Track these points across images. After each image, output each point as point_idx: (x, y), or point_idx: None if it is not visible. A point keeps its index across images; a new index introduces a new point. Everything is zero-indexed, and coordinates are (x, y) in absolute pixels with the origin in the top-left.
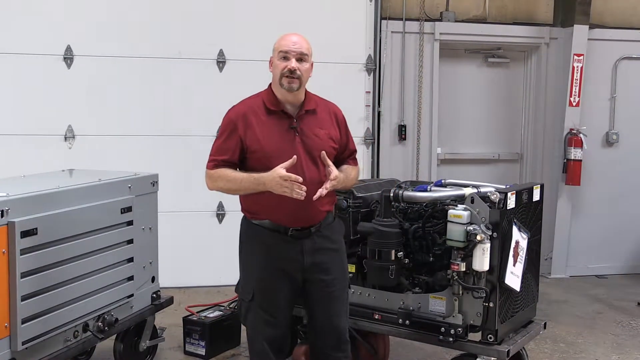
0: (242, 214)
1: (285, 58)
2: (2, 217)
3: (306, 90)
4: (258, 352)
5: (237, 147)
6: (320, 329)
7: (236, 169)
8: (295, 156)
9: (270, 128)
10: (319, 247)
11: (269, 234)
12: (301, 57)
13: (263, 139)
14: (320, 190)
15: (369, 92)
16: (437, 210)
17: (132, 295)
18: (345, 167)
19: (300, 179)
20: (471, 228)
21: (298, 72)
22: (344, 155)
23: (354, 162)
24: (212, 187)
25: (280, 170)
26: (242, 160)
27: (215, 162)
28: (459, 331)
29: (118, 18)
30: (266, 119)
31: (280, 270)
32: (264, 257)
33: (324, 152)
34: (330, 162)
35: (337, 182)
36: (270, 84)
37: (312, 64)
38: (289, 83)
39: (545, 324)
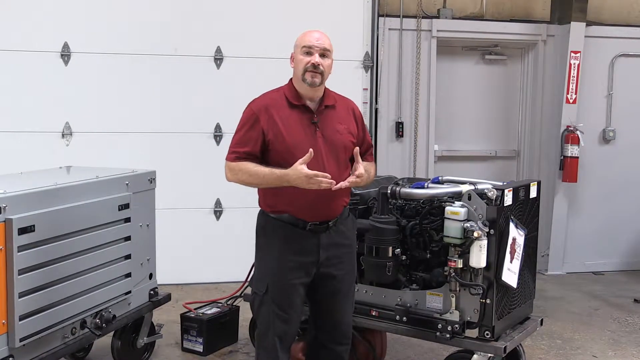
0: (260, 208)
1: (309, 53)
2: None
3: (325, 86)
4: (267, 348)
5: (259, 138)
6: (325, 323)
7: (257, 162)
8: (311, 149)
9: (292, 122)
10: (335, 241)
11: (287, 228)
12: (324, 53)
13: (286, 133)
14: (341, 182)
15: (367, 89)
16: (435, 207)
17: (129, 292)
18: (366, 164)
19: (328, 175)
20: (468, 225)
21: (321, 67)
22: (362, 150)
23: (372, 158)
24: (232, 179)
25: (304, 170)
26: (263, 153)
27: (236, 153)
28: (456, 328)
29: (115, 15)
30: (288, 112)
31: (296, 264)
32: (281, 251)
33: (357, 148)
34: (360, 159)
35: (361, 180)
36: (291, 79)
37: (332, 61)
38: (312, 77)
39: (542, 320)
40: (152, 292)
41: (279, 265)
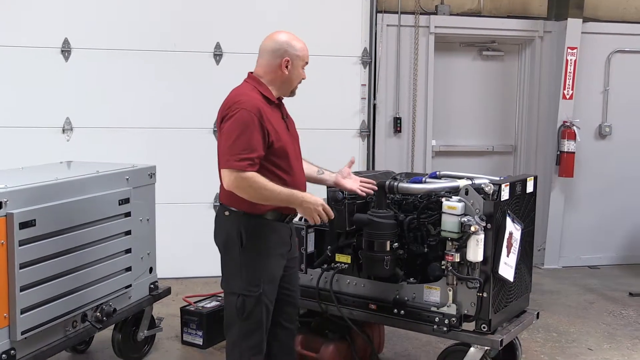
0: (237, 210)
1: (304, 68)
2: (0, 208)
3: None
4: (255, 346)
5: (264, 140)
6: (284, 304)
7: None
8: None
9: (277, 120)
10: (293, 228)
11: (273, 224)
12: None
13: (279, 131)
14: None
15: (365, 85)
16: (432, 202)
17: (130, 285)
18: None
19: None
20: (465, 219)
21: None
22: None
23: None
24: (239, 189)
25: (321, 200)
26: None
27: (249, 160)
28: (453, 321)
29: (115, 11)
30: (271, 111)
31: (281, 257)
32: (271, 248)
33: (353, 157)
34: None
35: None
36: (258, 78)
37: None
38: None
39: (538, 313)
40: (152, 285)
41: (271, 261)
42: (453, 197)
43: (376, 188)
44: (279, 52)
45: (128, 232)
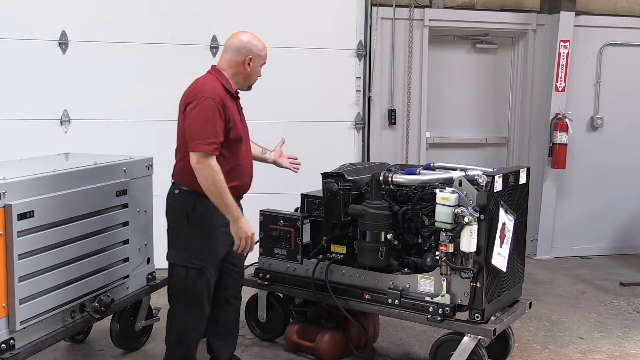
0: (186, 189)
1: (262, 66)
2: None
3: None
4: (197, 314)
5: (225, 127)
6: (231, 280)
7: None
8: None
9: (234, 110)
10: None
11: None
12: None
13: (236, 120)
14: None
15: (360, 77)
16: (426, 193)
17: (127, 276)
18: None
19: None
20: (459, 210)
21: None
22: None
23: None
24: (201, 172)
25: (252, 230)
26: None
27: (215, 144)
28: (447, 310)
29: (112, 4)
30: (230, 102)
31: (226, 235)
32: (216, 225)
33: (284, 138)
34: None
35: None
36: (221, 72)
37: None
38: None
39: (530, 303)
40: (149, 276)
41: (216, 238)
42: (447, 188)
43: (300, 163)
44: (243, 50)
45: (126, 223)
